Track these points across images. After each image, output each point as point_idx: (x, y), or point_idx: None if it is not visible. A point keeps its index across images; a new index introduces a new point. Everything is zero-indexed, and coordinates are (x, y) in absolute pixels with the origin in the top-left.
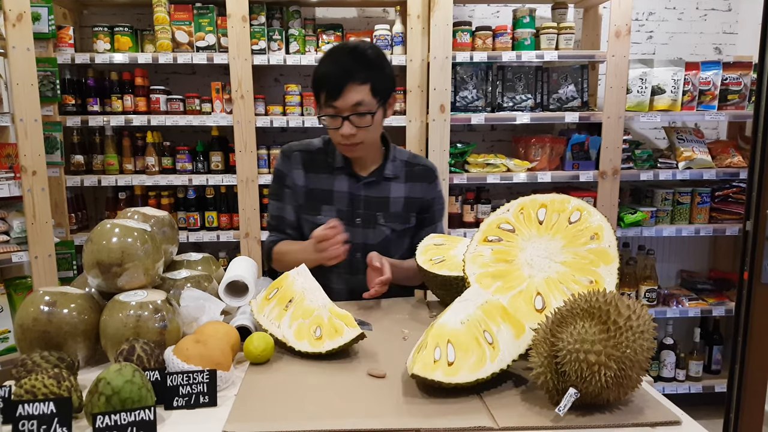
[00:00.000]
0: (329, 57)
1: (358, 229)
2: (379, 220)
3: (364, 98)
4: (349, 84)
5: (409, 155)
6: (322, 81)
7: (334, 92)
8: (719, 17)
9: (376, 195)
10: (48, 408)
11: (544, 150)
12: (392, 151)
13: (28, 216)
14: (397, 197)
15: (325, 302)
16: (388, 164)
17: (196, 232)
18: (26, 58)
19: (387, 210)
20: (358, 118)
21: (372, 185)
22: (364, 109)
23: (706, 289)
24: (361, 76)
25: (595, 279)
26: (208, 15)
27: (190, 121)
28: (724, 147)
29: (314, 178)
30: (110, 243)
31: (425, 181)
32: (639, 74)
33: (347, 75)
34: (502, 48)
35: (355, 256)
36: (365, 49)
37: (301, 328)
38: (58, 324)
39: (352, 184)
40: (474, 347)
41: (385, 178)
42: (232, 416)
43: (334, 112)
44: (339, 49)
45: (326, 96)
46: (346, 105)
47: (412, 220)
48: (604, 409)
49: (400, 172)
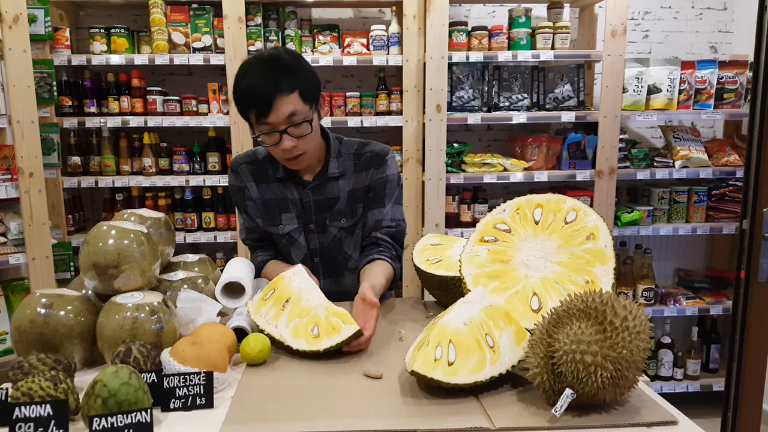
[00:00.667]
0: (246, 73)
1: (314, 234)
2: (327, 221)
3: (296, 107)
4: (278, 96)
5: (358, 145)
6: (247, 100)
7: (264, 109)
8: (715, 16)
9: (323, 197)
10: (45, 410)
11: (541, 149)
12: (336, 147)
13: (25, 217)
14: (343, 193)
15: (322, 301)
16: (332, 162)
17: (193, 233)
18: (23, 59)
19: (332, 209)
20: (296, 128)
21: (318, 189)
22: (299, 119)
23: (703, 288)
24: (287, 85)
25: (591, 279)
26: (205, 16)
27: (186, 122)
28: (721, 146)
29: (266, 189)
30: (106, 245)
31: (372, 167)
32: (635, 73)
33: (272, 88)
34: (498, 48)
35: (314, 261)
36: (281, 56)
37: (298, 327)
38: (55, 326)
39: (300, 191)
40: (475, 349)
41: (331, 177)
42: (229, 418)
43: (270, 129)
44: (254, 63)
45: (257, 114)
46: (280, 119)
47: (358, 211)
48: (600, 410)
49: (347, 166)
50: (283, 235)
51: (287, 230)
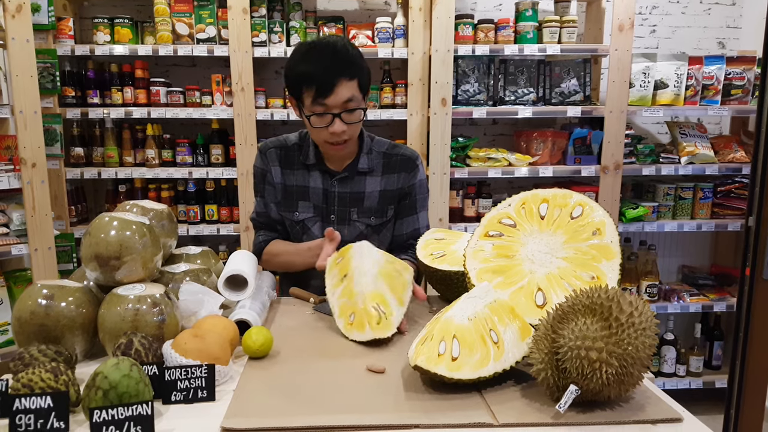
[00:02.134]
0: (311, 55)
1: (333, 225)
2: (353, 216)
3: (354, 94)
4: (340, 80)
5: (389, 146)
6: (308, 79)
7: (325, 89)
8: (723, 11)
9: (349, 191)
10: (45, 402)
11: (546, 144)
12: (368, 144)
13: (27, 208)
14: (372, 191)
15: (366, 289)
16: (363, 157)
17: (196, 226)
18: (26, 49)
19: (361, 205)
20: (349, 114)
21: (345, 181)
22: (354, 105)
23: (707, 285)
24: (349, 71)
25: (596, 275)
26: (209, 7)
27: (190, 113)
28: (727, 142)
29: (290, 175)
30: (108, 236)
31: (404, 171)
32: (642, 68)
33: (337, 71)
34: (505, 41)
35: None
36: (346, 46)
37: (343, 307)
38: (56, 317)
39: (325, 181)
40: (479, 345)
41: (359, 172)
42: (231, 411)
43: (324, 110)
44: (320, 47)
45: (315, 94)
46: (338, 101)
47: (389, 213)
48: (604, 406)
49: (377, 164)
50: (297, 221)
51: (301, 218)
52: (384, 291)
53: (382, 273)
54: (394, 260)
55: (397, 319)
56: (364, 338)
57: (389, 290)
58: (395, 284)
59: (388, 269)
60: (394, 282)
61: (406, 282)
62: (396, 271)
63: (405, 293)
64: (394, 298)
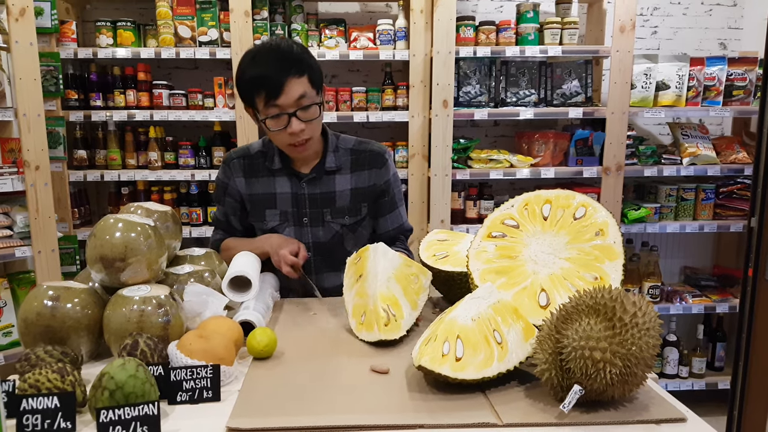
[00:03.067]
0: (255, 59)
1: (306, 228)
2: (326, 216)
3: (305, 90)
4: (288, 78)
5: (355, 142)
6: (257, 82)
7: (274, 90)
8: (724, 12)
9: (320, 191)
10: (52, 402)
11: (548, 146)
12: (333, 142)
13: (31, 211)
14: (343, 190)
15: (378, 290)
16: (329, 156)
17: (199, 228)
18: (29, 52)
19: (333, 205)
20: (305, 112)
21: (314, 182)
22: (308, 102)
23: (709, 286)
24: (297, 68)
25: (600, 275)
26: (211, 10)
27: (192, 116)
28: (729, 143)
29: (255, 184)
30: (113, 238)
31: (374, 167)
32: (643, 69)
33: (284, 70)
34: (506, 43)
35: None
36: (291, 45)
37: (356, 307)
38: (62, 318)
39: (294, 184)
40: (483, 345)
41: (327, 171)
42: (236, 411)
43: (279, 111)
44: (263, 49)
45: (266, 96)
46: (290, 100)
47: (363, 210)
48: (608, 406)
49: (345, 162)
50: (267, 230)
51: (270, 226)
52: (397, 293)
53: (396, 275)
54: (412, 264)
55: (408, 323)
56: (371, 338)
57: (403, 293)
58: (409, 288)
59: (404, 272)
60: (408, 285)
61: (422, 286)
62: (413, 274)
63: (420, 297)
64: (408, 301)
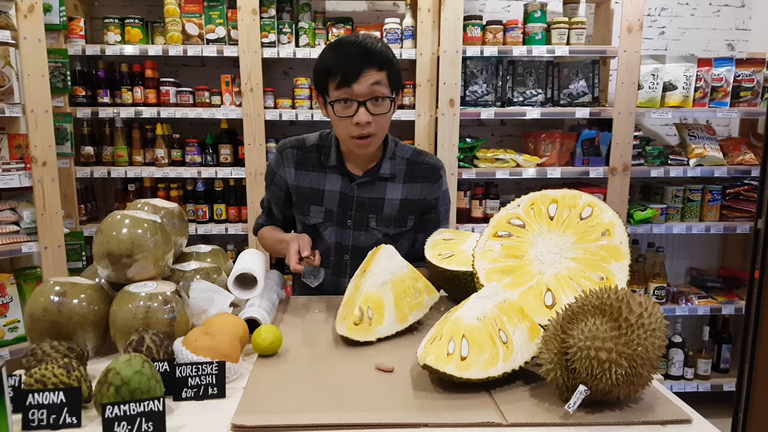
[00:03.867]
0: (337, 48)
1: (349, 231)
2: (371, 222)
3: (381, 80)
4: (367, 68)
5: (413, 152)
6: (333, 68)
7: (350, 75)
8: (732, 13)
9: (369, 196)
10: (58, 397)
11: (554, 145)
12: (391, 148)
13: (38, 206)
14: (393, 199)
15: (368, 289)
16: (385, 162)
17: (205, 225)
18: (37, 49)
19: (380, 212)
20: (375, 105)
21: (366, 186)
22: (381, 93)
23: (715, 287)
24: (378, 62)
25: (606, 275)
26: (219, 7)
27: (199, 113)
28: (736, 144)
29: (305, 177)
30: (120, 234)
31: (428, 180)
32: (650, 70)
33: (364, 59)
34: (513, 42)
35: (343, 258)
36: (377, 41)
37: (347, 298)
38: (68, 314)
39: (345, 184)
40: (488, 345)
41: (381, 177)
42: (241, 408)
43: (349, 96)
44: (347, 40)
45: (341, 80)
46: (363, 89)
47: (409, 222)
48: (614, 407)
49: (399, 170)
50: (309, 225)
51: (313, 222)
52: (386, 299)
53: (394, 282)
54: (420, 279)
55: (383, 332)
56: (339, 331)
57: (393, 302)
58: (404, 299)
59: (405, 283)
60: (403, 297)
61: (422, 304)
62: (415, 288)
63: (413, 313)
64: (395, 312)
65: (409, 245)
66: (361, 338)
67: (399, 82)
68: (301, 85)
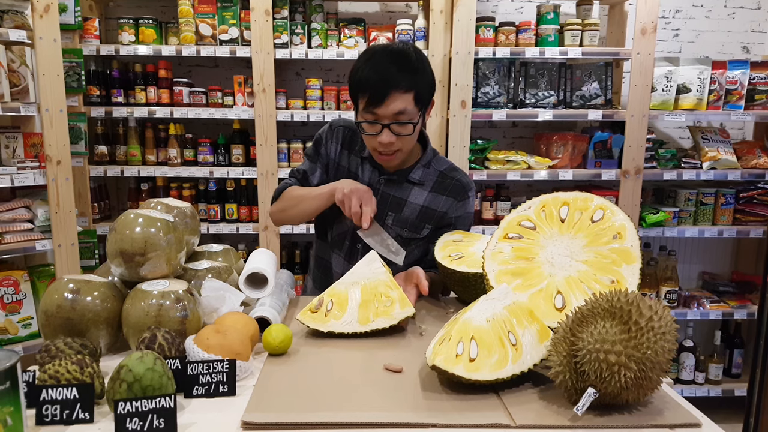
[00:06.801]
0: (370, 60)
1: None
2: (388, 220)
3: (406, 107)
4: (393, 92)
5: (448, 167)
6: (362, 85)
7: (375, 99)
8: (748, 15)
9: (393, 193)
10: (71, 393)
11: (566, 148)
12: (428, 157)
13: (52, 205)
14: (415, 203)
15: (338, 285)
16: (417, 168)
17: (216, 224)
18: (52, 48)
19: (399, 213)
20: (399, 126)
21: (392, 183)
22: (405, 118)
23: (728, 292)
24: (405, 83)
25: (616, 279)
26: (232, 8)
27: (212, 113)
28: (750, 148)
29: (345, 156)
30: (134, 233)
31: (454, 197)
32: (664, 72)
33: (391, 82)
34: (526, 44)
35: (356, 246)
36: (409, 53)
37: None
38: (82, 311)
39: (374, 175)
40: (497, 346)
41: (409, 180)
42: (251, 406)
43: (374, 119)
44: (381, 52)
45: (367, 102)
46: (388, 113)
47: (424, 231)
48: (622, 410)
49: (429, 179)
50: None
51: None
52: (352, 299)
53: (365, 287)
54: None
55: (339, 327)
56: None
57: (358, 304)
58: (371, 304)
59: (377, 290)
60: (371, 302)
61: (389, 314)
62: (388, 298)
63: (377, 321)
64: (358, 314)
65: (420, 253)
66: (311, 325)
67: (429, 93)
68: (313, 86)
